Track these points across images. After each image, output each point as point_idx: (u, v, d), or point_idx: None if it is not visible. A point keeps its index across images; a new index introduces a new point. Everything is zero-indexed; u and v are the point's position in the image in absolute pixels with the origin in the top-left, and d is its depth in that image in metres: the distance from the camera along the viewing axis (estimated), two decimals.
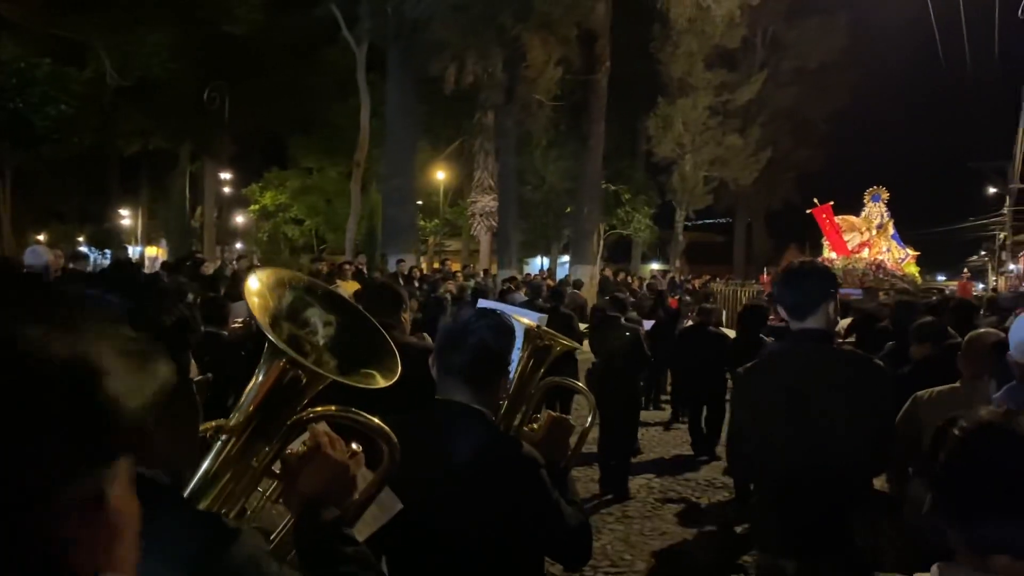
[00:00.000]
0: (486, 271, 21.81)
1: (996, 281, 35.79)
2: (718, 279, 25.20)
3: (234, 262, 17.21)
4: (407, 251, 20.16)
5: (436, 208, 31.43)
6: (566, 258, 31.90)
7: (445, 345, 2.21)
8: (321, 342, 1.53)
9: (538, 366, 2.60)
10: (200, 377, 1.22)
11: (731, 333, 9.45)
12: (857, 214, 21.00)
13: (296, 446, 1.48)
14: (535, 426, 2.49)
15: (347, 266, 15.61)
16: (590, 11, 21.99)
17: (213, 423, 1.35)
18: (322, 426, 1.48)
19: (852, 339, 8.09)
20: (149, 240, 35.85)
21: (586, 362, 8.42)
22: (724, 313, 15.79)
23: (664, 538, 6.44)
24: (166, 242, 30.17)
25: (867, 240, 19.86)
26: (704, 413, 9.08)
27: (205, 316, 5.16)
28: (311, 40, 26.30)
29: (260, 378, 1.40)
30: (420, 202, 26.78)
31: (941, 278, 36.05)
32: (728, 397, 8.83)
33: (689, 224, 29.30)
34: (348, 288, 9.38)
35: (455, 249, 35.69)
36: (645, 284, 19.28)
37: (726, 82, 26.66)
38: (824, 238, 20.42)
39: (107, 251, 31.47)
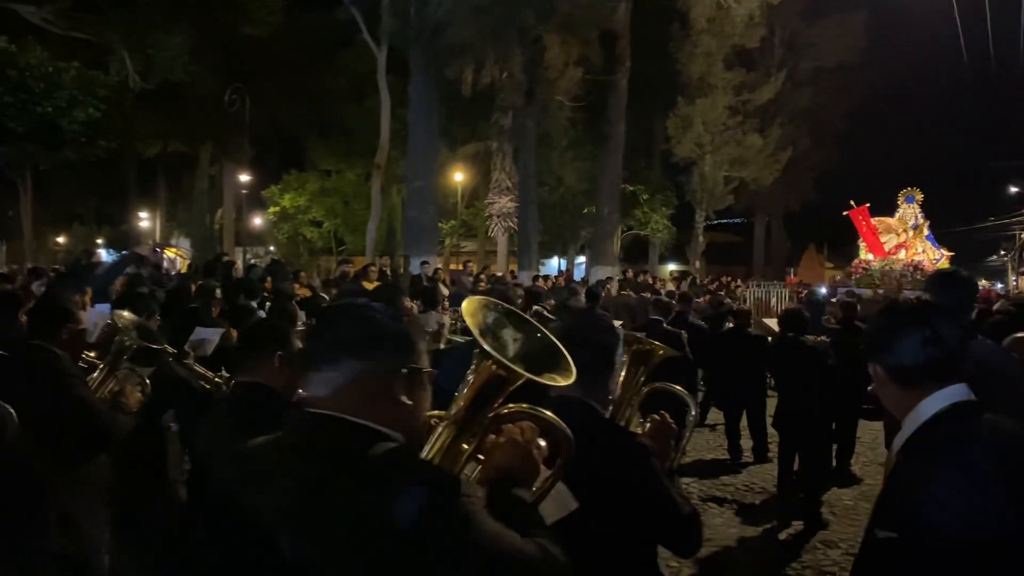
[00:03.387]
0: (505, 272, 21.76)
1: (1016, 281, 35.55)
2: (739, 280, 25.07)
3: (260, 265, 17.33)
4: (429, 253, 20.14)
5: (453, 209, 31.44)
6: (582, 259, 31.80)
7: None
8: (511, 352, 1.83)
9: (640, 370, 2.69)
10: (429, 370, 1.70)
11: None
12: (879, 215, 20.85)
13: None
14: (639, 431, 2.54)
15: (372, 268, 15.71)
16: (611, 12, 21.91)
17: (439, 412, 1.75)
18: (522, 420, 1.77)
19: None
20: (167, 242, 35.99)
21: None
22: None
23: (708, 544, 6.30)
24: (190, 244, 30.29)
25: (903, 241, 19.71)
26: (743, 416, 9.02)
27: None
28: (328, 42, 26.37)
29: (471, 378, 1.74)
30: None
31: None
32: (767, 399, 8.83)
33: (706, 224, 29.18)
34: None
35: (471, 250, 35.68)
36: (664, 291, 19.01)
37: (745, 82, 26.54)
38: (860, 239, 20.25)
39: (125, 252, 31.58)
